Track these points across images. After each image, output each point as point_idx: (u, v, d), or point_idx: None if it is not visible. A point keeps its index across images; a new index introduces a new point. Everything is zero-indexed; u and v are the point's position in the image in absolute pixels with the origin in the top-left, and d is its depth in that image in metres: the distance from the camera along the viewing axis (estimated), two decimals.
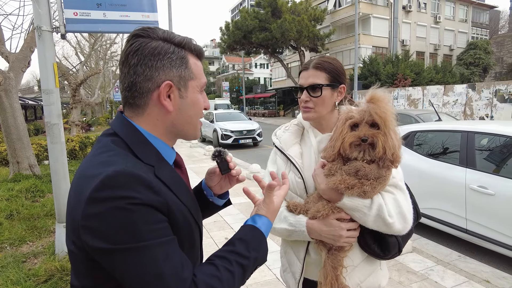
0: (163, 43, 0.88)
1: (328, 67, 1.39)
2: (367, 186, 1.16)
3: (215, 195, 1.17)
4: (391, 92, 20.70)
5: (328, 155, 1.23)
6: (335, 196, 1.24)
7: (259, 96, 47.51)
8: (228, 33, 31.37)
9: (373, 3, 31.17)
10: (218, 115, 15.77)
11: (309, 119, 1.43)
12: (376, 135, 1.13)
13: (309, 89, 1.37)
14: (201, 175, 8.27)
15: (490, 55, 33.45)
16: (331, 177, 1.23)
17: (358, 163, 1.17)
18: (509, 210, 3.66)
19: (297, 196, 1.44)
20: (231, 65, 64.23)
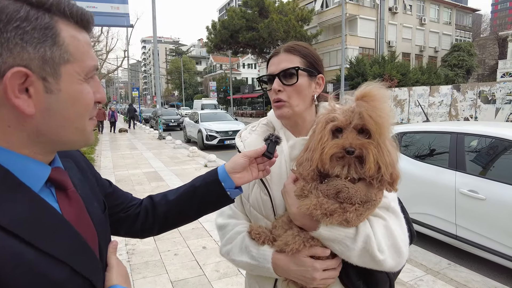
0: (9, 1, 0.55)
1: (303, 50, 1.14)
2: (351, 213, 0.87)
3: (237, 186, 1.01)
4: None
5: (304, 171, 0.94)
6: (309, 223, 0.97)
7: (247, 96, 47.24)
8: (215, 32, 31.04)
9: (360, 4, 31.30)
10: (203, 115, 15.41)
11: (284, 117, 1.15)
12: (367, 146, 0.85)
13: (281, 76, 1.11)
14: (183, 177, 7.95)
15: (473, 57, 34.08)
16: (304, 199, 0.94)
17: (340, 181, 0.89)
18: (501, 216, 3.50)
19: (263, 218, 1.16)
20: (219, 65, 63.81)
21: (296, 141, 1.15)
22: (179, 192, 1.03)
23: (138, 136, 18.74)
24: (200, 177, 1.04)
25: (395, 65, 26.82)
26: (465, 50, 33.46)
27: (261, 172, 1.06)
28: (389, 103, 0.86)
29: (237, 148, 1.27)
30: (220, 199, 1.01)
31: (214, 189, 0.99)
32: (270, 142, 1.02)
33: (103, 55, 33.50)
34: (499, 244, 3.51)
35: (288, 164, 1.14)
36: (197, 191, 1.00)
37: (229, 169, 1.00)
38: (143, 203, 1.04)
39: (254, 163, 1.06)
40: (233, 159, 1.03)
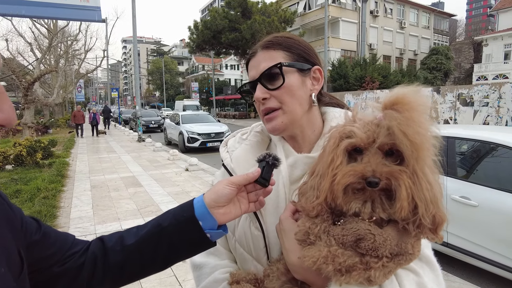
0: None
1: (285, 42, 0.89)
2: (376, 270, 0.61)
3: (219, 225, 0.76)
4: (359, 95, 20.83)
5: (308, 204, 0.67)
6: (314, 280, 0.71)
7: (230, 98, 46.80)
8: (197, 32, 30.59)
9: (342, 7, 31.56)
10: (184, 117, 14.99)
11: (278, 130, 0.89)
12: (397, 176, 0.58)
13: (263, 79, 0.86)
14: (163, 183, 7.59)
15: (451, 61, 34.97)
16: (309, 246, 0.68)
17: (362, 224, 0.63)
18: (494, 223, 3.38)
19: (252, 259, 0.89)
20: (201, 65, 63.10)
21: (297, 159, 0.89)
22: (140, 234, 0.76)
23: (117, 138, 18.12)
24: (169, 213, 0.78)
25: (376, 68, 27.14)
26: (442, 53, 34.29)
27: (252, 204, 0.81)
28: (429, 115, 0.59)
29: (222, 161, 1.00)
30: (196, 244, 0.76)
31: (188, 231, 0.74)
32: (266, 165, 0.78)
33: (81, 54, 32.48)
34: (491, 251, 3.40)
35: (287, 189, 0.88)
36: (165, 233, 0.74)
37: (210, 202, 0.75)
38: (91, 250, 0.76)
39: (243, 191, 0.80)
40: (216, 188, 0.76)
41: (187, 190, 6.93)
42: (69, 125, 25.03)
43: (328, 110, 0.96)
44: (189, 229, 0.74)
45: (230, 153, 0.98)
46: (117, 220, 5.16)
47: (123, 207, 5.83)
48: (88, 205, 5.91)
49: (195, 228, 0.73)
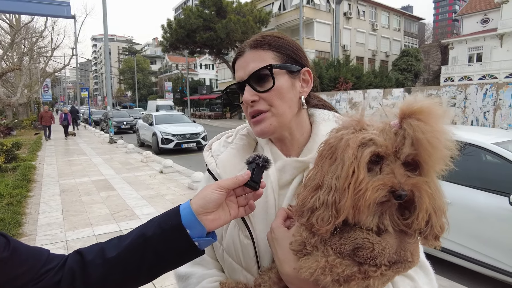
0: None
1: (275, 42, 0.85)
2: (375, 279, 0.60)
3: (208, 232, 0.72)
4: (334, 96, 21.20)
5: (323, 226, 0.61)
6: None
7: (205, 98, 46.40)
8: (171, 31, 30.05)
9: (316, 8, 32.01)
10: (158, 117, 14.62)
11: (266, 133, 0.86)
12: (421, 188, 0.57)
13: (252, 81, 0.82)
14: (136, 186, 7.36)
15: (420, 63, 36.30)
16: (305, 257, 0.65)
17: (360, 233, 0.61)
18: (466, 220, 3.49)
19: (241, 269, 0.85)
20: (175, 65, 62.12)
21: (286, 163, 0.86)
22: (122, 246, 0.69)
23: (87, 140, 17.47)
24: (154, 221, 0.72)
25: (349, 69, 27.70)
26: (413, 55, 35.59)
27: (242, 208, 0.76)
28: (448, 126, 0.57)
29: (206, 166, 0.94)
30: (184, 253, 0.71)
31: (175, 240, 0.69)
32: (256, 167, 0.74)
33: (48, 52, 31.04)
34: (464, 247, 3.51)
35: (276, 194, 0.84)
36: (150, 243, 0.69)
37: (197, 208, 0.70)
38: (68, 265, 0.68)
39: (232, 195, 0.76)
40: (203, 193, 0.71)
41: (162, 193, 6.75)
42: (35, 127, 23.88)
43: (315, 112, 0.94)
44: (176, 238, 0.69)
45: (215, 158, 0.94)
46: (89, 225, 4.94)
47: (95, 212, 5.59)
48: (57, 211, 5.62)
49: (182, 237, 0.69)
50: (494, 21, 30.47)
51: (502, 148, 3.40)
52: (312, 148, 0.87)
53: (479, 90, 15.65)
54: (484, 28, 31.60)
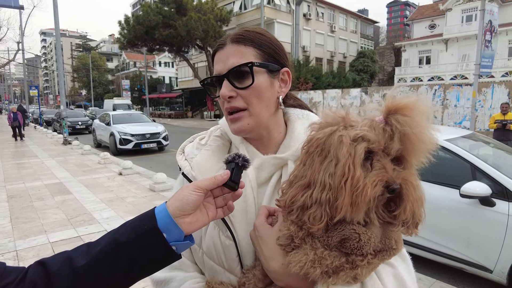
0: None
1: (257, 39, 0.84)
2: (362, 268, 0.62)
3: (186, 235, 0.68)
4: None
5: (315, 224, 0.61)
6: (298, 285, 0.68)
7: (164, 96, 45.27)
8: (129, 28, 28.92)
9: (276, 9, 32.36)
10: (116, 117, 13.99)
11: (243, 131, 0.85)
12: (408, 181, 0.61)
13: (231, 77, 0.81)
14: (94, 188, 7.01)
15: (376, 64, 38.01)
16: (293, 250, 0.65)
17: (347, 225, 0.62)
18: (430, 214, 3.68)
19: (224, 271, 0.84)
20: (132, 62, 59.92)
21: (264, 160, 0.85)
22: (93, 253, 0.64)
23: (38, 142, 16.35)
24: (127, 226, 0.67)
25: (309, 69, 28.36)
26: (369, 57, 37.17)
27: (220, 210, 0.74)
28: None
29: (180, 169, 0.92)
30: (160, 258, 0.67)
31: (151, 245, 0.65)
32: (235, 167, 0.72)
33: None
34: (421, 238, 3.72)
35: (255, 193, 0.84)
36: (124, 249, 0.64)
37: (174, 211, 0.67)
38: (28, 278, 0.61)
39: (209, 196, 0.73)
40: (180, 195, 0.68)
41: (122, 196, 6.48)
42: None
43: (289, 111, 0.95)
44: (152, 243, 0.65)
45: (190, 161, 0.91)
46: (43, 232, 4.61)
47: (50, 217, 5.24)
48: (5, 218, 5.20)
49: (159, 242, 0.65)
50: (440, 27, 32.67)
51: (453, 145, 3.65)
52: (289, 145, 0.88)
53: (429, 90, 16.72)
54: (432, 33, 33.79)
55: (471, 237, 3.36)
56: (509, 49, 27.57)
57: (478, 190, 3.17)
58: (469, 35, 28.38)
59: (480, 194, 3.17)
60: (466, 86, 15.65)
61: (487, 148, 4.18)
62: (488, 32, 12.01)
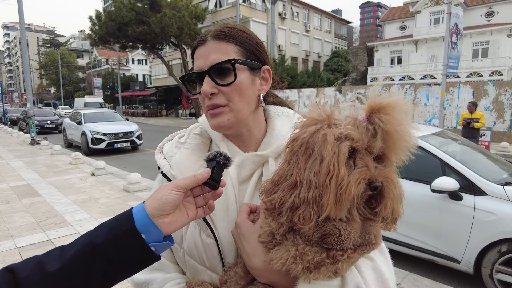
0: None
1: (239, 36, 0.84)
2: (342, 262, 0.63)
3: (165, 235, 0.67)
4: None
5: (306, 224, 0.62)
6: (281, 281, 0.69)
7: (138, 94, 44.26)
8: (100, 23, 28.01)
9: (252, 7, 32.37)
10: (87, 116, 13.51)
11: (224, 127, 0.84)
12: (389, 178, 0.62)
13: (213, 73, 0.80)
14: (66, 190, 6.75)
15: (349, 63, 38.84)
16: (276, 248, 0.66)
17: (328, 221, 0.63)
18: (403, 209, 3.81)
19: (205, 269, 0.83)
20: (104, 59, 58.15)
21: (245, 158, 0.86)
22: (66, 257, 0.60)
23: (3, 142, 15.55)
24: (103, 227, 0.65)
25: (285, 68, 28.62)
26: (342, 56, 37.93)
27: (200, 209, 0.73)
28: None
29: (159, 168, 0.91)
30: (139, 260, 0.65)
31: (129, 246, 0.62)
32: (217, 165, 0.71)
33: None
34: (397, 233, 3.83)
35: (236, 190, 0.83)
36: (100, 251, 0.62)
37: (152, 211, 0.65)
38: None
39: (189, 195, 0.72)
40: (158, 194, 0.66)
41: (95, 197, 6.28)
42: None
43: (269, 108, 0.96)
44: (130, 244, 0.63)
45: (169, 159, 0.90)
46: (9, 237, 4.39)
47: (17, 221, 4.99)
48: None
49: (137, 243, 0.63)
50: (410, 28, 33.80)
51: (423, 141, 3.78)
52: (269, 143, 0.88)
53: (401, 89, 17.27)
54: (403, 34, 34.90)
55: (441, 230, 3.50)
56: (473, 51, 28.93)
57: (448, 185, 3.31)
58: (437, 36, 29.53)
59: (449, 189, 3.31)
60: (435, 86, 16.31)
61: (455, 145, 4.37)
62: (454, 34, 12.55)
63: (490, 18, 29.54)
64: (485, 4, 29.64)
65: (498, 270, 3.18)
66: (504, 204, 3.16)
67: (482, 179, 3.34)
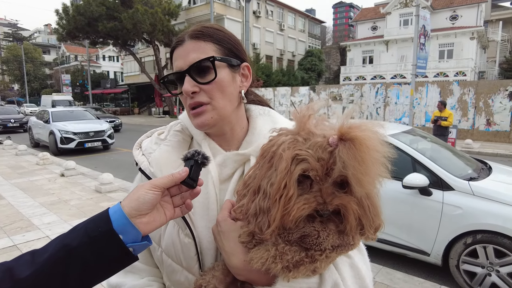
0: None
1: (216, 34, 0.85)
2: (321, 262, 0.65)
3: (143, 236, 0.66)
4: None
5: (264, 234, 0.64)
6: (260, 279, 0.70)
7: (109, 92, 42.98)
8: (68, 18, 26.90)
9: (226, 5, 32.19)
10: (56, 114, 12.95)
11: (207, 125, 0.84)
12: (347, 205, 0.62)
13: (193, 72, 0.80)
14: (33, 192, 6.45)
15: (322, 63, 39.44)
16: (255, 247, 0.67)
17: (307, 223, 0.65)
18: None
19: (182, 269, 0.83)
20: (73, 55, 55.94)
21: (226, 157, 0.86)
22: (39, 262, 0.58)
23: None
24: (78, 229, 0.63)
25: (260, 67, 28.68)
26: (316, 56, 38.46)
27: (178, 208, 0.73)
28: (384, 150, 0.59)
29: (137, 165, 0.89)
30: (117, 261, 0.64)
31: (106, 248, 0.62)
32: (195, 164, 0.71)
33: None
34: None
35: (217, 189, 0.84)
36: (76, 254, 0.60)
37: (130, 211, 0.64)
38: None
39: (166, 195, 0.71)
40: (135, 194, 0.65)
41: (65, 199, 6.04)
42: None
43: (250, 107, 0.97)
44: (108, 246, 0.61)
45: (147, 156, 0.89)
46: None
47: None
48: None
49: (116, 244, 0.62)
50: (381, 29, 34.79)
51: (395, 139, 3.91)
52: (251, 141, 0.89)
53: (372, 88, 17.76)
54: (374, 34, 35.87)
55: (412, 225, 3.64)
56: (439, 52, 30.18)
57: (418, 181, 3.44)
58: (406, 37, 30.56)
59: (419, 184, 3.44)
60: (405, 85, 16.90)
61: (425, 142, 4.55)
62: (422, 35, 13.05)
63: (454, 21, 30.93)
64: (450, 7, 31.00)
65: (464, 261, 3.35)
66: (469, 198, 3.33)
67: (449, 175, 3.50)
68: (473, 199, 3.31)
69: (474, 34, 28.96)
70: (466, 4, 30.13)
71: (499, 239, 3.13)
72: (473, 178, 3.59)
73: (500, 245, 3.14)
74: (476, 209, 3.25)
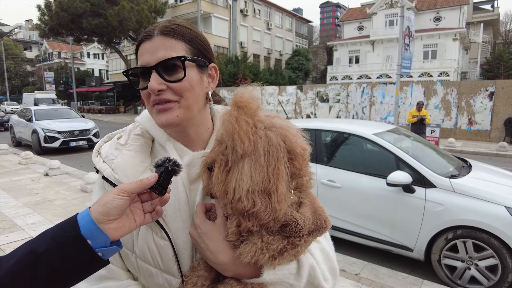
0: None
1: (188, 33, 0.84)
2: (301, 247, 0.73)
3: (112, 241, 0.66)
4: (234, 91, 21.66)
5: (265, 223, 0.70)
6: (247, 272, 0.74)
7: (94, 90, 42.19)
8: (51, 14, 26.29)
9: (213, 3, 32.01)
10: (39, 112, 12.67)
11: (172, 124, 0.82)
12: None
13: (161, 69, 0.79)
14: (16, 192, 6.32)
15: (310, 62, 39.62)
16: (243, 243, 0.72)
17: (287, 212, 0.72)
18: (354, 200, 4.01)
19: (160, 272, 0.83)
20: (56, 52, 54.67)
21: (194, 157, 0.86)
22: (5, 268, 0.58)
23: None
24: (46, 235, 0.63)
25: (247, 65, 28.63)
26: (303, 55, 38.61)
27: (148, 215, 0.73)
28: None
29: (97, 172, 0.87)
30: (85, 266, 0.64)
31: (74, 253, 0.61)
32: (165, 171, 0.70)
33: None
34: (354, 225, 4.03)
35: (188, 190, 0.84)
36: (43, 260, 0.59)
37: (98, 216, 0.64)
38: None
39: (137, 201, 0.72)
40: (103, 199, 0.65)
41: (50, 199, 5.94)
42: None
43: (214, 107, 0.98)
44: (76, 251, 0.61)
45: (109, 163, 0.86)
46: None
47: None
48: None
49: (83, 249, 0.61)
50: (367, 29, 35.23)
51: (380, 138, 4.00)
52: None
53: (358, 88, 17.98)
54: (360, 34, 36.29)
55: (396, 221, 3.73)
56: (423, 52, 30.76)
57: (401, 178, 3.53)
58: (392, 38, 31.04)
59: (402, 182, 3.53)
60: (390, 85, 17.17)
61: (408, 141, 4.66)
62: (407, 36, 13.29)
63: (438, 23, 31.57)
64: (433, 9, 31.62)
65: (445, 255, 3.46)
66: (450, 195, 3.44)
67: (431, 173, 3.60)
68: (453, 196, 3.42)
69: (456, 36, 29.64)
70: (449, 6, 30.80)
71: (478, 234, 3.25)
72: (454, 175, 3.70)
73: (479, 240, 3.26)
74: (457, 206, 3.36)
